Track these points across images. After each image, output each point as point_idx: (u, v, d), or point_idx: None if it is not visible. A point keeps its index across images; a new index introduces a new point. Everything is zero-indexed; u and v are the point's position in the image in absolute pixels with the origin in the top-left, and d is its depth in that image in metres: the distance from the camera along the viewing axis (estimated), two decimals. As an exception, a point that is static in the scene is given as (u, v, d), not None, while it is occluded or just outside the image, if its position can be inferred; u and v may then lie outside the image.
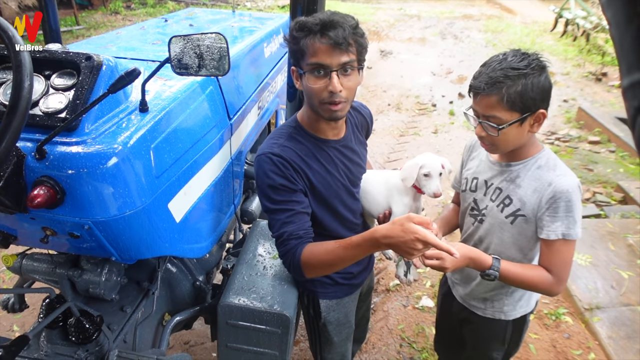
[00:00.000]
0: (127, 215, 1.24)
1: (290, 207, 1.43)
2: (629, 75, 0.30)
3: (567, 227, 1.42)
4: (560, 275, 1.46)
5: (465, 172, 1.73)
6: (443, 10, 14.58)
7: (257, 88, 2.22)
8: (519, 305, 1.70)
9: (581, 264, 3.37)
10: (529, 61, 1.34)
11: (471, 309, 1.79)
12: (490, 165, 1.62)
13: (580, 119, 6.18)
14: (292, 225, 1.42)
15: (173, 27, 2.55)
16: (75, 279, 1.57)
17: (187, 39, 1.34)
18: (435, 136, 5.90)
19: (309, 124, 1.54)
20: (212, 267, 2.11)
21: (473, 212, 1.68)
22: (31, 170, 1.16)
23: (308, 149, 1.51)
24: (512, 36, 11.21)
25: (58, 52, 1.30)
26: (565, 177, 1.43)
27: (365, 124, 1.78)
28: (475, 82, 1.42)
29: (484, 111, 1.41)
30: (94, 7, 11.95)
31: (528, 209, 1.49)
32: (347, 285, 1.80)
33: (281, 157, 1.44)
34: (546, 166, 1.48)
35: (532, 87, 1.33)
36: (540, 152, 1.51)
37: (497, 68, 1.36)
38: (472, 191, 1.67)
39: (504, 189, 1.55)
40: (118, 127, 1.27)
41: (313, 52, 1.35)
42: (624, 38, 0.31)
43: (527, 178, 1.49)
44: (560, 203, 1.42)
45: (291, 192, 1.44)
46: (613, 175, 4.83)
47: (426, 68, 8.64)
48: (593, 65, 8.78)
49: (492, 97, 1.37)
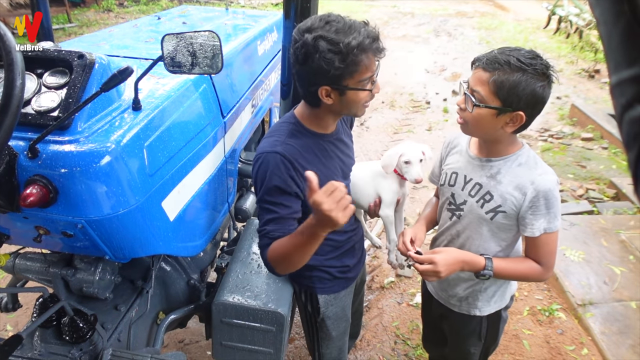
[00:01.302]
0: (120, 214, 1.24)
1: (277, 210, 1.44)
2: (616, 73, 0.31)
3: (548, 222, 1.47)
4: (548, 263, 1.54)
5: (445, 167, 1.74)
6: (437, 7, 14.58)
7: (250, 86, 2.22)
8: (493, 301, 1.74)
9: (574, 260, 3.39)
10: (537, 63, 1.33)
11: (447, 305, 1.83)
12: (469, 160, 1.62)
13: (574, 116, 6.20)
14: (274, 225, 1.43)
15: (166, 25, 2.54)
16: (68, 278, 1.56)
17: (180, 37, 1.34)
18: (430, 133, 5.91)
19: (308, 120, 1.54)
20: (207, 265, 2.11)
21: (450, 207, 1.69)
22: (24, 169, 1.16)
23: (308, 144, 1.52)
24: (505, 33, 11.23)
25: (50, 50, 1.29)
26: (546, 176, 1.46)
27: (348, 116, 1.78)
28: (480, 55, 1.44)
29: (473, 84, 1.43)
30: (87, 5, 11.88)
31: (508, 206, 1.51)
32: (343, 279, 1.81)
33: (284, 156, 1.43)
34: (527, 164, 1.50)
35: (524, 85, 1.32)
36: (520, 149, 1.53)
37: (505, 52, 1.37)
38: (451, 185, 1.68)
39: (484, 185, 1.56)
40: (111, 126, 1.26)
41: (366, 67, 1.37)
42: (612, 36, 0.31)
43: (508, 175, 1.51)
44: (541, 201, 1.45)
45: (284, 196, 1.45)
46: (606, 171, 4.86)
47: (420, 65, 8.65)
48: (586, 62, 8.81)
49: (485, 73, 1.38)
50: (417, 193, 4.50)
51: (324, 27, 1.32)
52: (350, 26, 1.33)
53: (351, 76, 1.36)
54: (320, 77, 1.35)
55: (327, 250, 1.71)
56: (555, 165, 4.96)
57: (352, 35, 1.31)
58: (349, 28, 1.32)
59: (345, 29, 1.32)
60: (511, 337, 2.88)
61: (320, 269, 1.74)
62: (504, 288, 1.73)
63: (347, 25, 1.33)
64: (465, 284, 1.72)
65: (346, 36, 1.31)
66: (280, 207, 1.44)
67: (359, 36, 1.31)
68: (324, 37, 1.31)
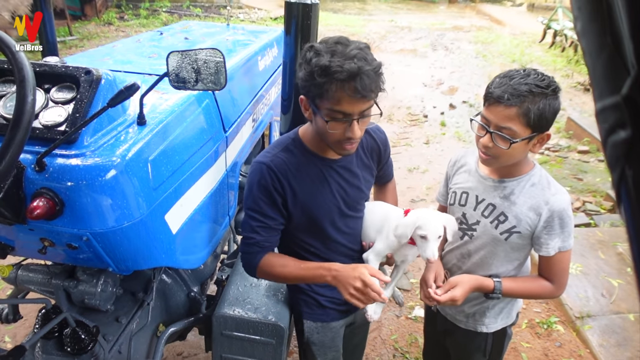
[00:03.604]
0: (125, 226, 1.26)
1: (263, 220, 1.49)
2: (600, 100, 0.33)
3: (562, 241, 1.49)
4: (560, 281, 1.57)
5: (453, 186, 1.74)
6: (434, 21, 14.74)
7: (251, 101, 2.25)
8: (500, 318, 1.74)
9: (572, 272, 3.40)
10: (549, 82, 1.36)
11: (453, 321, 1.82)
12: (481, 180, 1.62)
13: (570, 129, 6.26)
14: (260, 236, 1.50)
15: (168, 41, 2.58)
16: (70, 290, 1.58)
17: (184, 54, 1.37)
18: (427, 147, 5.96)
19: (309, 140, 1.54)
20: (207, 278, 2.12)
21: (462, 226, 1.69)
22: (31, 182, 1.18)
23: (300, 162, 1.52)
24: (501, 47, 11.34)
25: (58, 66, 1.32)
26: (560, 196, 1.49)
27: (376, 149, 1.69)
28: (497, 90, 1.40)
29: (500, 121, 1.40)
30: (87, 18, 11.95)
31: (523, 226, 1.52)
32: (333, 310, 1.72)
33: (270, 167, 1.47)
34: (540, 184, 1.52)
35: (549, 108, 1.36)
36: (532, 169, 1.55)
37: (522, 82, 1.36)
38: (461, 205, 1.68)
39: (498, 206, 1.57)
40: (116, 140, 1.29)
41: (336, 100, 1.31)
42: (596, 66, 0.34)
43: (522, 195, 1.52)
44: (556, 221, 1.48)
45: (269, 207, 1.49)
46: (602, 184, 4.90)
47: (417, 79, 8.73)
48: (581, 75, 8.91)
49: (513, 109, 1.36)
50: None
51: (327, 42, 1.34)
52: (342, 52, 1.29)
53: (320, 98, 1.33)
54: (300, 84, 1.38)
55: None
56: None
57: (330, 57, 1.28)
58: (339, 53, 1.29)
59: (336, 51, 1.30)
60: (510, 350, 2.88)
61: (307, 294, 1.70)
62: (511, 305, 1.74)
63: (341, 50, 1.30)
64: (472, 301, 1.71)
65: (325, 55, 1.29)
66: (266, 217, 1.49)
67: (332, 62, 1.27)
68: (315, 48, 1.34)
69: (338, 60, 1.27)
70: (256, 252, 1.51)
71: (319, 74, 1.29)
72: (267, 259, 1.51)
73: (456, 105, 7.30)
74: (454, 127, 6.52)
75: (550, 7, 15.19)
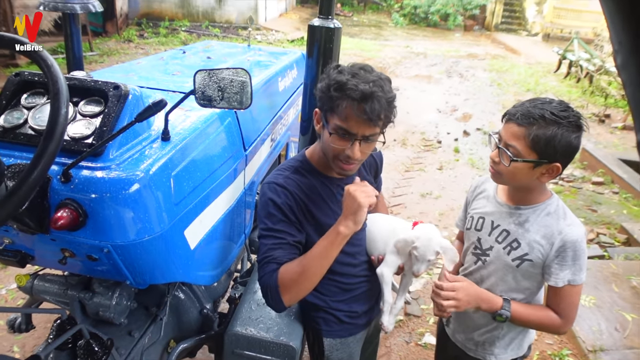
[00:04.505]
0: (145, 240, 1.27)
1: (280, 237, 1.46)
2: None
3: (573, 273, 1.47)
4: (568, 316, 1.52)
5: (471, 211, 1.75)
6: (449, 48, 14.85)
7: (270, 121, 2.28)
8: (510, 349, 1.71)
9: (585, 305, 3.35)
10: (570, 115, 1.37)
11: (463, 348, 1.80)
12: (497, 206, 1.63)
13: (584, 160, 6.23)
14: (278, 252, 1.44)
15: (191, 59, 2.63)
16: (86, 302, 1.59)
17: (211, 72, 1.40)
18: (440, 172, 5.95)
19: (317, 161, 1.59)
20: (220, 295, 2.12)
21: (476, 251, 1.69)
22: (56, 192, 1.20)
23: (312, 183, 1.55)
24: (516, 76, 11.39)
25: (87, 80, 1.36)
26: (574, 227, 1.47)
27: (374, 165, 1.80)
28: (513, 109, 1.45)
29: (508, 139, 1.44)
30: (108, 35, 12.21)
31: (535, 254, 1.51)
32: (351, 325, 1.75)
33: (284, 187, 1.49)
34: (555, 214, 1.51)
35: (560, 138, 1.35)
36: (549, 198, 1.54)
37: (538, 106, 1.39)
38: (477, 230, 1.68)
39: (511, 232, 1.57)
40: (141, 155, 1.31)
41: (344, 117, 1.37)
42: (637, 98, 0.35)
43: (536, 223, 1.52)
44: (569, 252, 1.46)
45: (285, 223, 1.48)
46: (617, 216, 4.85)
47: (432, 105, 8.77)
48: (596, 106, 8.90)
49: (521, 128, 1.40)
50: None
51: (353, 66, 1.44)
52: (362, 76, 1.37)
53: (331, 112, 1.40)
54: (317, 95, 1.46)
55: (333, 291, 1.68)
56: (566, 209, 4.95)
57: (349, 77, 1.36)
58: (359, 76, 1.37)
59: (357, 74, 1.38)
60: (521, 381, 2.83)
61: (326, 311, 1.71)
62: (522, 336, 1.70)
63: (362, 74, 1.38)
64: (482, 328, 1.70)
65: (346, 74, 1.38)
66: (283, 234, 1.46)
67: (350, 80, 1.35)
68: (340, 67, 1.43)
69: (355, 81, 1.35)
70: (274, 270, 1.42)
71: (334, 88, 1.37)
72: (283, 270, 1.41)
73: (470, 132, 7.31)
74: (467, 154, 6.52)
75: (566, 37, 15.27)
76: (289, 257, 1.44)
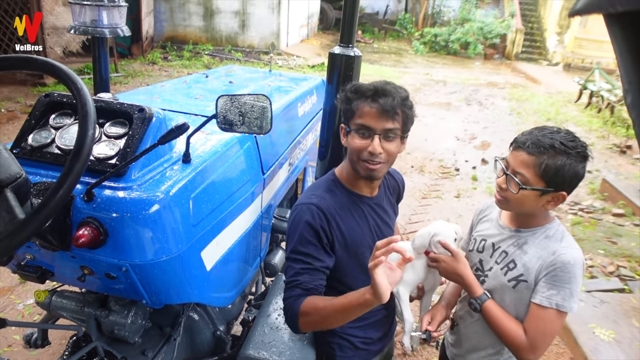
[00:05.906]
0: (163, 260, 1.29)
1: (309, 261, 1.47)
2: None
3: (562, 298, 1.42)
4: (534, 342, 1.45)
5: (475, 234, 1.77)
6: (468, 77, 14.88)
7: (289, 145, 2.31)
8: None
9: (604, 339, 3.27)
10: (577, 145, 1.40)
11: None
12: (499, 229, 1.65)
13: (604, 191, 6.14)
14: (305, 277, 1.46)
15: (214, 83, 2.69)
16: (102, 319, 1.60)
17: (233, 98, 1.43)
18: (458, 200, 5.91)
19: (346, 179, 1.62)
20: (234, 317, 2.12)
21: (477, 273, 1.69)
22: (78, 211, 1.23)
23: (343, 202, 1.58)
24: (536, 105, 11.33)
25: (113, 102, 1.40)
26: (570, 250, 1.46)
27: (397, 189, 1.85)
28: (522, 137, 1.47)
29: (516, 166, 1.46)
30: (134, 57, 12.52)
31: (530, 276, 1.51)
32: (365, 351, 1.75)
33: (318, 207, 1.51)
34: (554, 237, 1.52)
35: (568, 168, 1.38)
36: (550, 223, 1.55)
37: (547, 135, 1.41)
38: (479, 252, 1.70)
39: (510, 253, 1.58)
40: (162, 176, 1.34)
41: (361, 114, 1.47)
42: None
43: (534, 246, 1.53)
44: (559, 272, 1.43)
45: (315, 247, 1.49)
46: (637, 249, 4.74)
47: (450, 132, 8.76)
48: (617, 137, 8.79)
49: (531, 157, 1.41)
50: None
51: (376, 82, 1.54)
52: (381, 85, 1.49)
53: (352, 116, 1.50)
54: (342, 109, 1.58)
55: None
56: (586, 240, 4.87)
57: (367, 84, 1.51)
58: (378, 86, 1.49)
59: (377, 85, 1.49)
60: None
61: (341, 337, 1.71)
62: None
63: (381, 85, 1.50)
64: (481, 351, 1.69)
65: (367, 85, 1.51)
66: (312, 258, 1.47)
67: (368, 86, 1.50)
68: (354, 83, 1.56)
69: (373, 86, 1.49)
70: (298, 295, 1.43)
71: (351, 91, 1.51)
72: (309, 300, 1.42)
73: (488, 160, 7.27)
74: (485, 182, 6.48)
75: (587, 67, 15.17)
76: (314, 284, 1.45)
